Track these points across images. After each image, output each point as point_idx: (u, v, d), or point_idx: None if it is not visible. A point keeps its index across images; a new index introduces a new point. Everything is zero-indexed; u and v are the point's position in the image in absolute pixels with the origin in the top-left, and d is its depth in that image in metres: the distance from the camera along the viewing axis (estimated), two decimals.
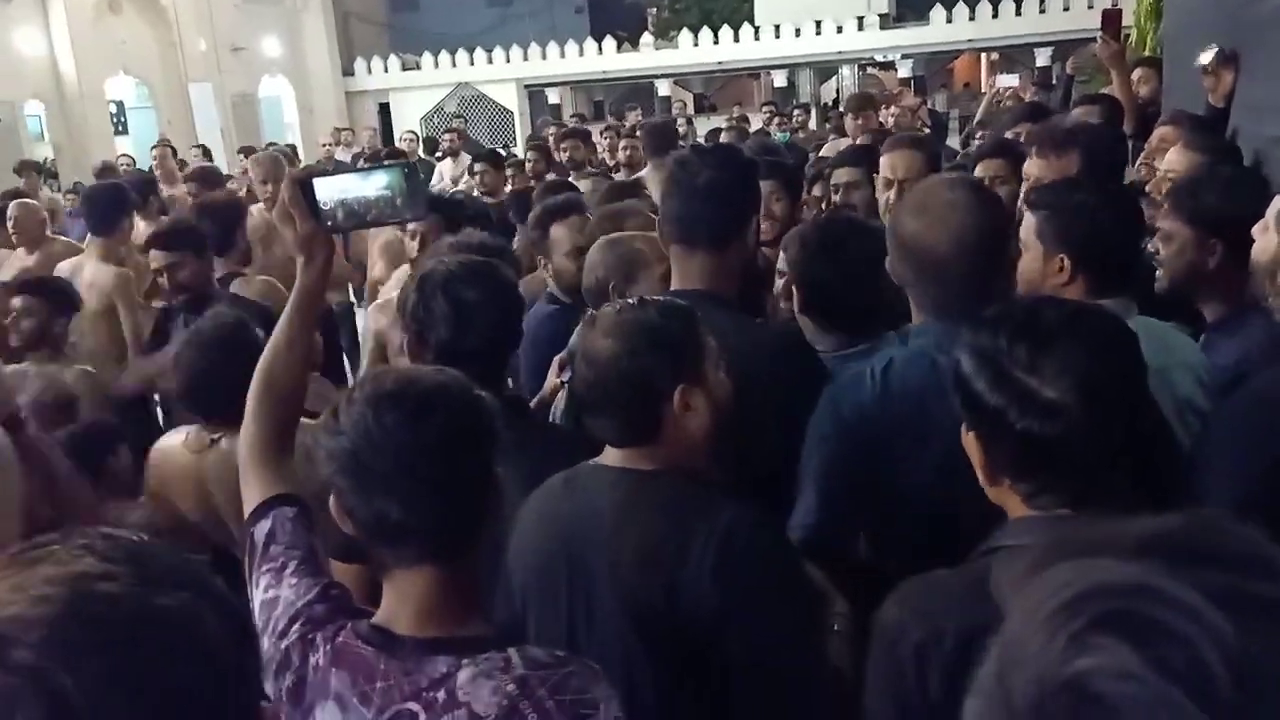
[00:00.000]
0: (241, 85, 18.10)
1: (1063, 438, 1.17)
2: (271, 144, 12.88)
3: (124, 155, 11.67)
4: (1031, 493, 1.23)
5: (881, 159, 3.18)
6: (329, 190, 1.49)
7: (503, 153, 8.31)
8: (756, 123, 11.63)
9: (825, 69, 19.54)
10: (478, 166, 6.50)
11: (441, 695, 1.17)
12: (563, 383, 2.25)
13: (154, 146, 8.63)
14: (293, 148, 10.05)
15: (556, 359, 2.46)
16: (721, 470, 1.56)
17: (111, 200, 4.72)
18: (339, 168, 1.72)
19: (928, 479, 1.63)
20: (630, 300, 1.59)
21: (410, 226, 3.13)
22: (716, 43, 18.67)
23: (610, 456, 1.56)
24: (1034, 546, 0.60)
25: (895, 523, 1.74)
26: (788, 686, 1.42)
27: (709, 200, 1.96)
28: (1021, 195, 2.62)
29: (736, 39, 18.55)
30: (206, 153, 11.19)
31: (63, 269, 4.47)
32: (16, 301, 3.54)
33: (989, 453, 1.25)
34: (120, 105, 16.99)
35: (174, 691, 0.64)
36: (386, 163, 1.77)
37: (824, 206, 4.19)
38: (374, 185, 1.50)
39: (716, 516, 1.44)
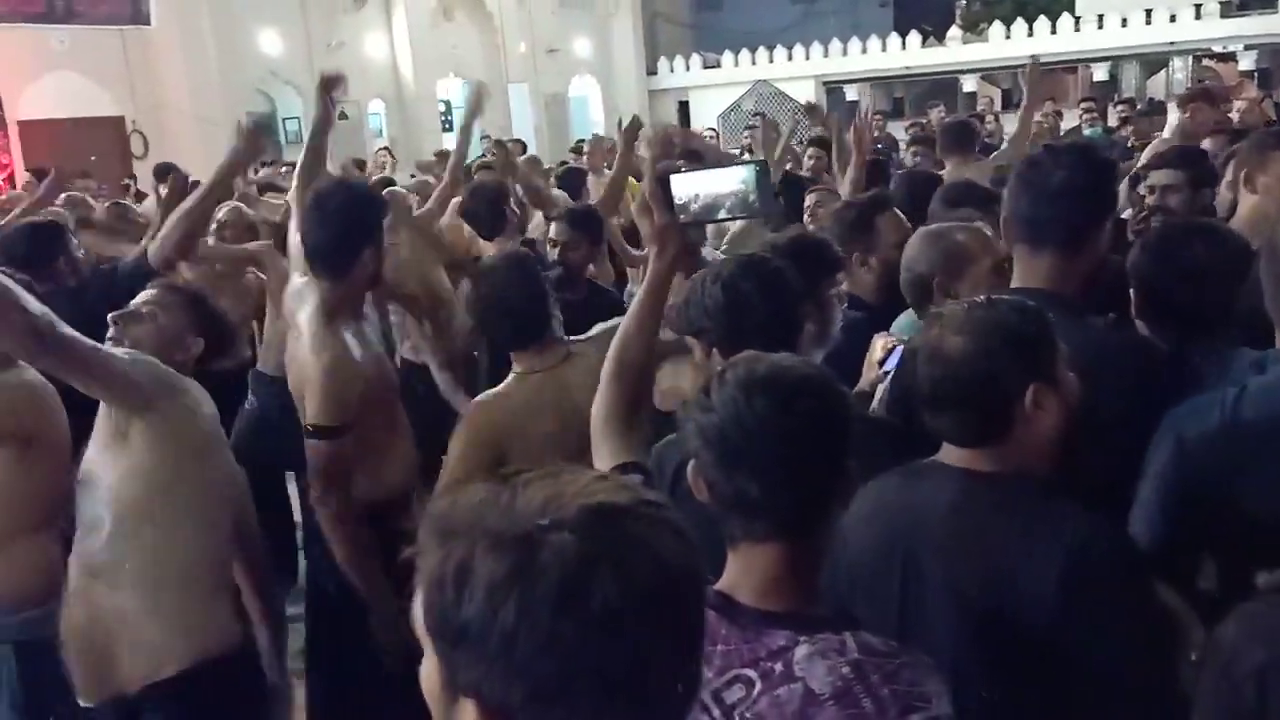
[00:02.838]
0: (554, 86, 19.21)
1: None
2: (581, 140, 13.59)
3: (447, 151, 12.74)
4: None
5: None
6: (686, 186, 1.59)
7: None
8: (1071, 120, 10.96)
9: (1153, 61, 18.07)
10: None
11: (779, 667, 1.21)
12: (885, 372, 2.23)
13: (483, 139, 9.56)
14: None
15: (877, 347, 2.41)
16: (1059, 475, 1.51)
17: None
18: (695, 165, 1.81)
19: None
20: (978, 298, 1.58)
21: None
22: (1031, 35, 17.72)
23: (952, 455, 1.55)
24: None
25: (1247, 552, 1.62)
26: (1131, 705, 1.37)
27: (1059, 201, 1.89)
28: None
29: (1054, 31, 17.54)
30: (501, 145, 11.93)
31: None
32: None
33: None
34: (448, 104, 18.48)
35: (672, 612, 0.80)
36: (742, 160, 1.84)
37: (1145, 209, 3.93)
38: (729, 181, 1.58)
39: (1064, 525, 1.41)
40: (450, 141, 16.19)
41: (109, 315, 2.39)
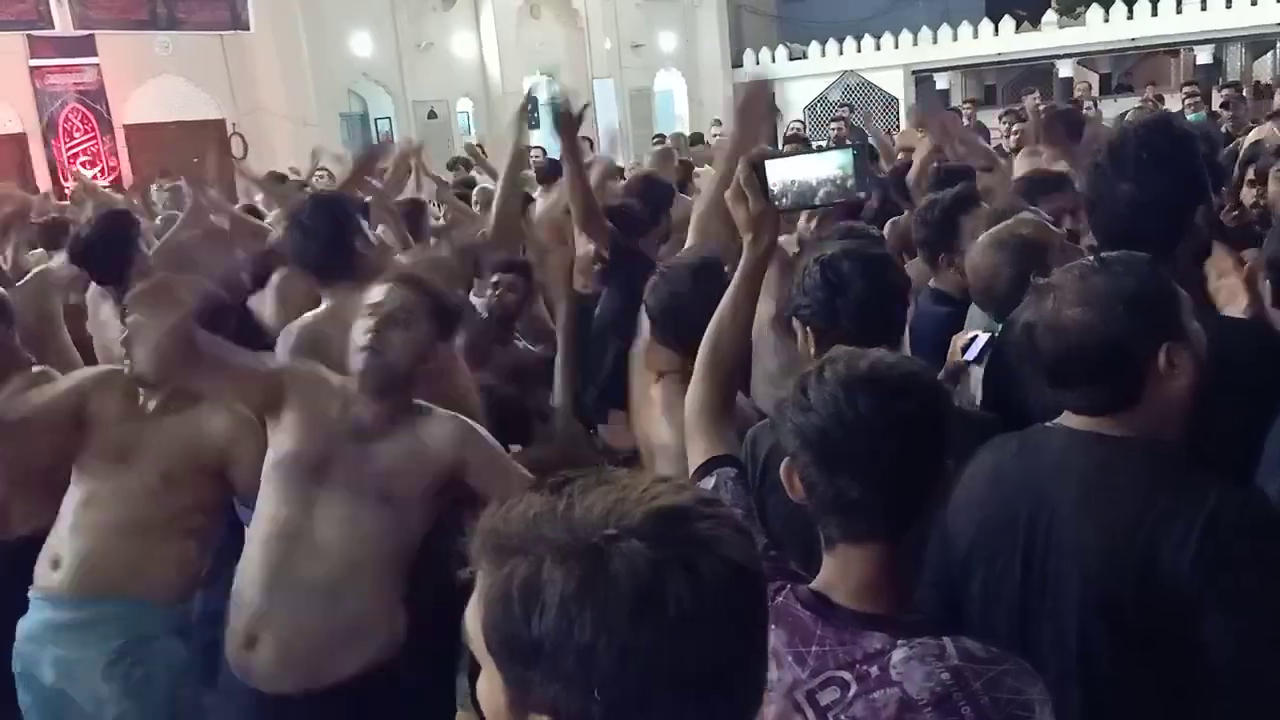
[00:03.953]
0: (639, 80, 19.22)
1: None
2: (660, 135, 13.59)
3: (537, 147, 12.81)
4: None
5: None
6: (780, 172, 1.55)
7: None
8: (1174, 105, 10.58)
9: (1259, 43, 17.30)
10: None
11: (874, 670, 1.18)
12: (968, 361, 2.19)
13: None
14: (699, 135, 10.71)
15: (956, 339, 2.37)
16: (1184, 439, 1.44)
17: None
18: (793, 150, 1.79)
19: None
20: (1085, 261, 1.49)
21: None
22: (1130, 17, 17.11)
23: (1075, 420, 1.48)
24: None
25: None
26: (1261, 682, 1.32)
27: (1134, 221, 1.78)
28: None
29: (1155, 13, 16.89)
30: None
31: None
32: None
33: None
34: (534, 101, 18.63)
35: (741, 609, 0.78)
36: (839, 145, 1.81)
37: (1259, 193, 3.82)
38: (824, 166, 1.54)
39: (1202, 496, 1.34)
40: (536, 138, 16.35)
41: None
